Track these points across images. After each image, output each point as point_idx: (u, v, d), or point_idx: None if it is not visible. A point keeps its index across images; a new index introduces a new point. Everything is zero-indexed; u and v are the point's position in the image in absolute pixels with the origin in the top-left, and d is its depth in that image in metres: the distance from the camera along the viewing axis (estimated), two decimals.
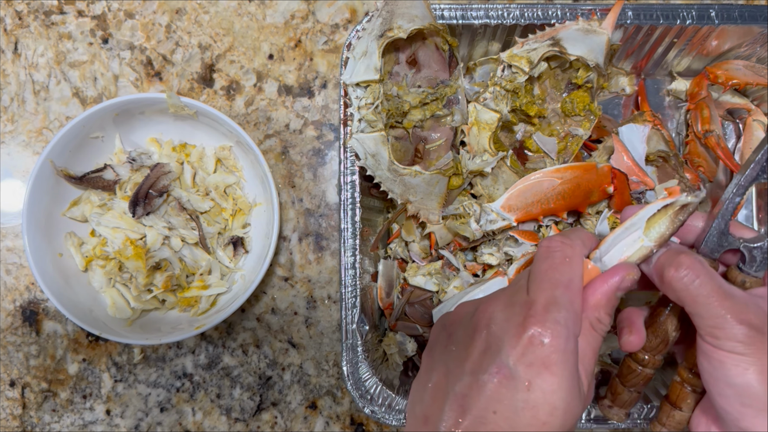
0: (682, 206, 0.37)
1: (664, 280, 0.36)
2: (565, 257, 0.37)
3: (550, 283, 0.35)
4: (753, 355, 0.33)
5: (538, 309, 0.34)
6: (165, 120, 0.63)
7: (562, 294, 0.35)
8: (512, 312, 0.35)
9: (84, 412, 0.66)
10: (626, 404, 0.45)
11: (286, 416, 0.65)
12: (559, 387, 0.33)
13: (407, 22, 0.51)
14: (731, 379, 0.34)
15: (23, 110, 0.68)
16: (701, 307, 0.34)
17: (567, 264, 0.36)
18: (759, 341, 0.33)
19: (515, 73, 0.55)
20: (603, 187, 0.55)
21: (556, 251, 0.37)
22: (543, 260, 0.37)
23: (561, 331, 0.34)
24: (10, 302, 0.66)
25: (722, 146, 0.59)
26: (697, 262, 0.35)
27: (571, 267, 0.36)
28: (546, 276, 0.36)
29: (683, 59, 0.63)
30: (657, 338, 0.41)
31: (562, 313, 0.34)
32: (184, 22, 0.68)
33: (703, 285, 0.34)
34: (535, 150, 0.60)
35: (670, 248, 0.38)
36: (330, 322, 0.66)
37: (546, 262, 0.37)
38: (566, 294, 0.35)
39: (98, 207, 0.62)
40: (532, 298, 0.35)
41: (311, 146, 0.67)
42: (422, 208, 0.56)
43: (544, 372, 0.33)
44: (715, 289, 0.34)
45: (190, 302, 0.63)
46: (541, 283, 0.36)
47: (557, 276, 0.36)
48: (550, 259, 0.37)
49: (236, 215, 0.65)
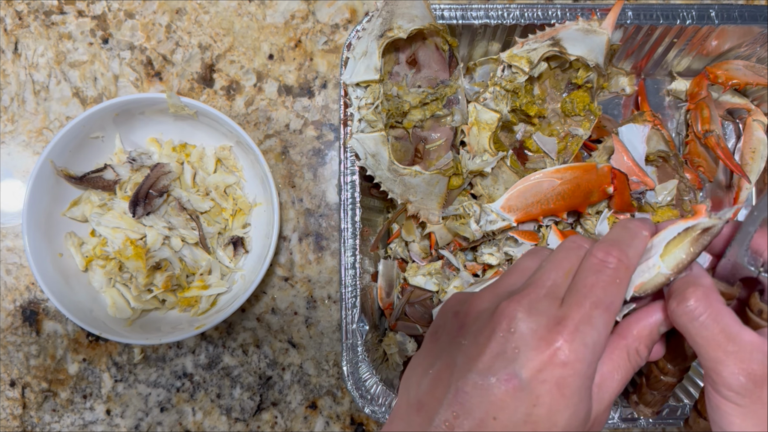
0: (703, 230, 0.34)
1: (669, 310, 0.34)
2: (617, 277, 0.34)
3: (591, 302, 0.33)
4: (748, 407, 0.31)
5: (570, 326, 0.32)
6: (165, 120, 0.63)
7: (600, 316, 0.32)
8: (538, 322, 0.33)
9: (84, 412, 0.66)
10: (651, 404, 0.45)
11: (286, 416, 0.65)
12: (565, 408, 0.32)
13: (407, 22, 0.51)
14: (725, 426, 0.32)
15: (23, 110, 0.68)
16: (701, 348, 0.32)
17: (617, 286, 0.33)
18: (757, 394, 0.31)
19: (515, 73, 0.55)
20: (603, 188, 0.55)
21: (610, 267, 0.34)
22: (592, 273, 0.34)
23: (585, 355, 0.32)
24: (10, 302, 0.66)
25: (722, 146, 0.59)
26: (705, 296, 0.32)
27: (619, 289, 0.33)
28: (590, 293, 0.33)
29: (683, 59, 0.63)
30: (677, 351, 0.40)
31: (594, 336, 0.32)
32: (184, 22, 0.68)
33: (704, 325, 0.32)
34: (535, 150, 0.60)
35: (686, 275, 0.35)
36: (330, 322, 0.66)
37: (594, 276, 0.34)
38: (603, 316, 0.33)
39: (98, 207, 0.62)
40: (566, 313, 0.33)
41: (311, 146, 0.67)
42: (422, 208, 0.56)
43: (555, 392, 0.31)
44: (718, 331, 0.32)
45: (190, 302, 0.63)
46: (583, 299, 0.33)
47: (603, 296, 0.33)
48: (599, 275, 0.34)
49: (236, 215, 0.65)
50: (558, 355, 0.32)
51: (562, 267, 0.36)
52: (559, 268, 0.35)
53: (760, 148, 0.62)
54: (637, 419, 0.54)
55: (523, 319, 0.33)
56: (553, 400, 0.32)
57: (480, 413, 0.32)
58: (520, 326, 0.33)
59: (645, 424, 0.54)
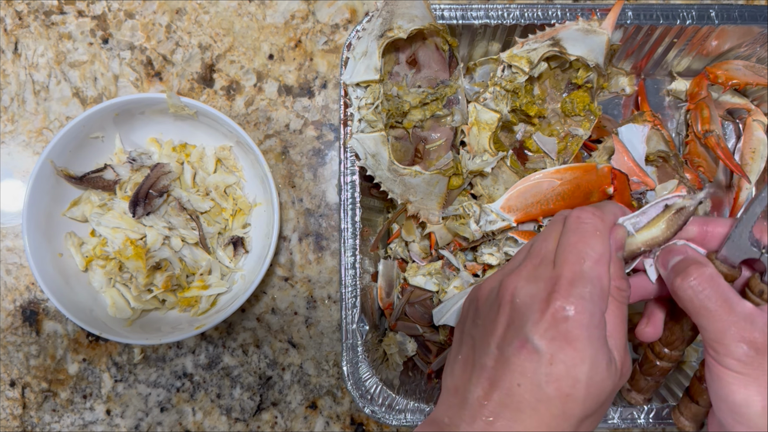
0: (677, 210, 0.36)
1: (673, 286, 0.36)
2: (596, 230, 0.36)
3: (578, 256, 0.35)
4: (750, 375, 0.33)
5: (563, 284, 0.34)
6: (165, 120, 0.63)
7: (590, 268, 0.34)
8: (537, 287, 0.35)
9: (84, 412, 0.66)
10: (644, 390, 0.45)
11: (286, 416, 0.65)
12: (581, 361, 0.33)
13: (407, 22, 0.51)
14: (726, 396, 0.33)
15: (23, 110, 0.68)
16: (704, 319, 0.34)
17: (598, 237, 0.35)
18: (758, 361, 0.32)
19: (515, 73, 0.55)
20: (603, 188, 0.55)
21: (586, 223, 0.36)
22: (572, 232, 0.36)
23: (586, 306, 0.33)
24: (10, 302, 0.66)
25: (722, 146, 0.59)
26: (706, 272, 0.34)
27: (602, 240, 0.35)
28: (575, 249, 0.35)
29: (683, 59, 0.63)
30: (674, 335, 0.40)
31: (588, 287, 0.34)
32: (184, 22, 0.68)
33: (708, 297, 0.34)
34: (535, 150, 0.60)
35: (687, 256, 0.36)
36: (330, 322, 0.66)
37: (575, 234, 0.36)
38: (595, 268, 0.34)
39: (98, 207, 0.62)
40: (558, 273, 0.34)
41: (311, 146, 0.67)
42: (422, 208, 0.56)
43: (566, 347, 0.33)
44: (720, 303, 0.33)
45: (190, 302, 0.63)
46: (569, 255, 0.35)
47: (587, 249, 0.35)
48: (579, 232, 0.36)
49: (236, 215, 0.65)
50: (560, 312, 0.33)
51: (550, 236, 0.38)
52: (548, 237, 0.38)
53: (760, 148, 0.62)
54: (636, 419, 0.54)
55: (523, 287, 0.35)
56: (567, 356, 0.33)
57: (506, 383, 0.34)
58: (521, 294, 0.35)
59: (645, 424, 0.54)
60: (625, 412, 0.54)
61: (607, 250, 0.35)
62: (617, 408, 0.54)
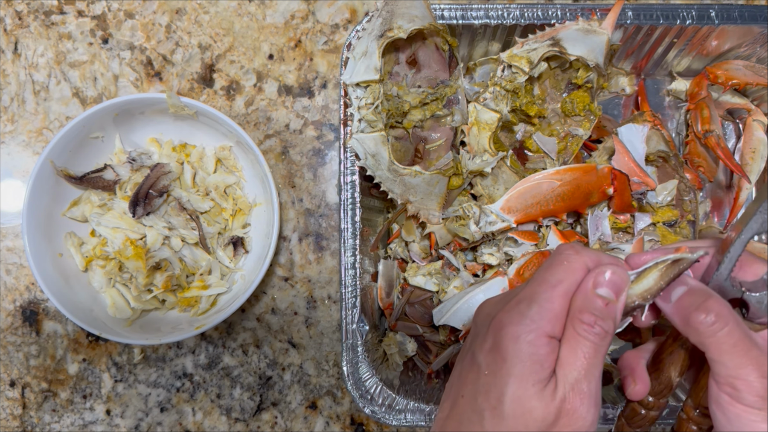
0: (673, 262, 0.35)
1: (689, 323, 0.34)
2: (563, 260, 0.36)
3: (537, 282, 0.36)
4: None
5: (512, 302, 0.35)
6: (165, 120, 0.63)
7: (542, 291, 0.35)
8: (495, 307, 0.36)
9: (84, 412, 0.66)
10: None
11: (286, 416, 0.65)
12: (507, 374, 0.33)
13: (407, 22, 0.51)
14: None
15: (23, 110, 0.68)
16: (725, 355, 0.32)
17: (562, 267, 0.36)
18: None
19: (515, 73, 0.55)
20: (603, 189, 0.55)
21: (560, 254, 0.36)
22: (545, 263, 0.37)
23: (521, 322, 0.34)
24: (10, 302, 0.66)
25: (722, 146, 0.59)
26: (726, 308, 0.33)
27: (565, 271, 0.35)
28: (538, 275, 0.36)
29: (683, 59, 0.63)
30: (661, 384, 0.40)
31: (533, 308, 0.34)
32: (184, 22, 0.68)
33: (730, 333, 0.32)
34: (535, 150, 0.60)
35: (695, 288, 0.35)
36: (330, 322, 0.66)
37: (545, 264, 0.37)
38: (546, 292, 0.35)
39: (98, 207, 0.62)
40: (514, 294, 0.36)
41: (311, 146, 0.67)
42: (422, 208, 0.56)
43: (497, 358, 0.34)
44: (742, 339, 0.32)
45: (190, 302, 0.63)
46: (532, 281, 0.36)
47: (547, 276, 0.35)
48: (548, 261, 0.37)
49: (236, 215, 0.65)
50: (496, 325, 0.35)
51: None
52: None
53: (760, 148, 0.62)
54: None
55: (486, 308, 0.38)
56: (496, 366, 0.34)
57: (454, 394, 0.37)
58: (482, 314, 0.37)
59: None
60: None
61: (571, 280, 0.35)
62: (617, 408, 0.54)
